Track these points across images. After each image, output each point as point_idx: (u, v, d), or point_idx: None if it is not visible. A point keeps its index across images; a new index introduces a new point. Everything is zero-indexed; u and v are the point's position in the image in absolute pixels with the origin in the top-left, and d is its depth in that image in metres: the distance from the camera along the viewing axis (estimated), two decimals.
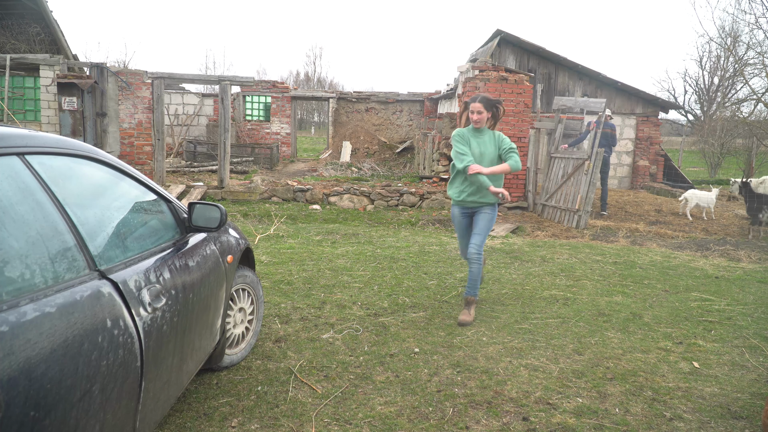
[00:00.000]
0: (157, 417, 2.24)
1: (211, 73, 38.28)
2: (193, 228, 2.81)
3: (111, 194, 2.34)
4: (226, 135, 10.81)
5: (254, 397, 3.14)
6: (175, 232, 2.70)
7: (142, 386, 2.01)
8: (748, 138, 18.16)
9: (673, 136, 31.24)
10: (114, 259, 2.07)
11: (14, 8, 14.43)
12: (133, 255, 2.21)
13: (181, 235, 2.74)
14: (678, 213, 10.98)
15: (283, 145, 18.93)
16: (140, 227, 2.46)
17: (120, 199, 2.38)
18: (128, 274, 2.07)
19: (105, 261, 2.00)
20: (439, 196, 10.45)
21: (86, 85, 10.18)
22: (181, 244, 2.65)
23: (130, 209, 2.43)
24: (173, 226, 2.72)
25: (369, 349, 3.87)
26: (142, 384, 2.01)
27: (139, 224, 2.46)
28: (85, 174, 2.20)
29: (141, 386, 2.00)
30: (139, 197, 2.53)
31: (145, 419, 2.10)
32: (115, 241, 2.15)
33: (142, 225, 2.48)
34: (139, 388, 2.00)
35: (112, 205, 2.31)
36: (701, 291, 5.65)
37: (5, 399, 1.36)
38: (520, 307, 4.93)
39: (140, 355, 1.98)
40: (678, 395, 3.35)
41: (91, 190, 2.23)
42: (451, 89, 15.28)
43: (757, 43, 21.29)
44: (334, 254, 6.62)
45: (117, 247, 2.15)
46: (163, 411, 2.30)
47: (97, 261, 1.95)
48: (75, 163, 2.14)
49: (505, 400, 3.21)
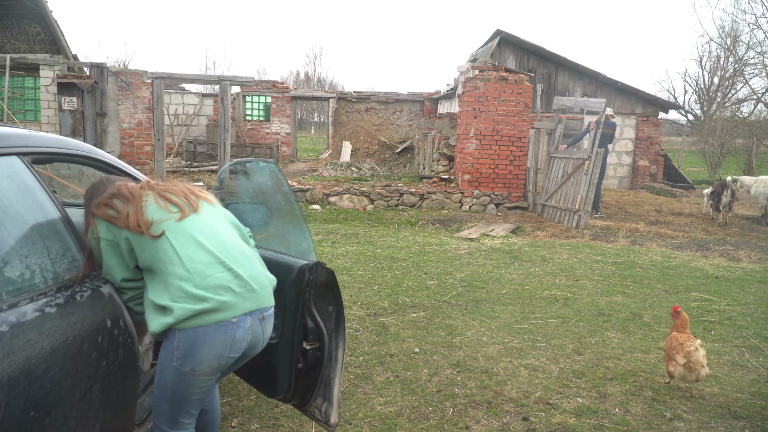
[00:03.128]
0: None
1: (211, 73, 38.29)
2: None
3: None
4: (226, 135, 10.81)
5: (254, 397, 3.14)
6: None
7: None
8: (748, 138, 18.15)
9: (673, 136, 31.23)
10: None
11: (14, 8, 14.42)
12: None
13: None
14: (678, 213, 10.98)
15: (283, 145, 18.92)
16: None
17: None
18: None
19: None
20: (439, 196, 10.46)
21: (86, 85, 10.18)
22: None
23: None
24: None
25: (369, 349, 3.87)
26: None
27: None
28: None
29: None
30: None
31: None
32: None
33: None
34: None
35: None
36: (701, 291, 5.65)
37: (5, 399, 1.36)
38: (520, 307, 4.93)
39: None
40: (678, 395, 3.35)
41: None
42: (451, 89, 15.28)
43: (757, 43, 21.29)
44: (334, 254, 6.62)
45: None
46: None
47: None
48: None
49: (505, 400, 3.21)
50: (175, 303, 1.83)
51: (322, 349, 2.30)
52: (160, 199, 1.95)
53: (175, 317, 1.82)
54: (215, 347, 1.87)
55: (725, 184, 10.11)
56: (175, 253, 1.86)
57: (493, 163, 10.37)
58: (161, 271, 1.87)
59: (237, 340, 1.91)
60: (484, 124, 10.25)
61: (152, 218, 1.89)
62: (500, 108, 10.21)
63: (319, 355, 2.31)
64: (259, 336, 2.00)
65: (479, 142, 10.30)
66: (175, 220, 1.92)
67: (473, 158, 10.37)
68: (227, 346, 1.89)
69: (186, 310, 1.82)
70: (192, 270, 1.86)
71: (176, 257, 1.86)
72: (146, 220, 1.87)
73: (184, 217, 1.93)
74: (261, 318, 1.99)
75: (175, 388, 1.91)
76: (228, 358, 1.92)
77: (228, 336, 1.88)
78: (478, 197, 10.42)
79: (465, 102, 10.38)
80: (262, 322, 2.00)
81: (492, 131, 10.28)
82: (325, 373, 2.34)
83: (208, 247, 1.92)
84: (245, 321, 1.93)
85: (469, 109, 10.25)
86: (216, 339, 1.86)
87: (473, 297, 5.16)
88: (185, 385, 1.91)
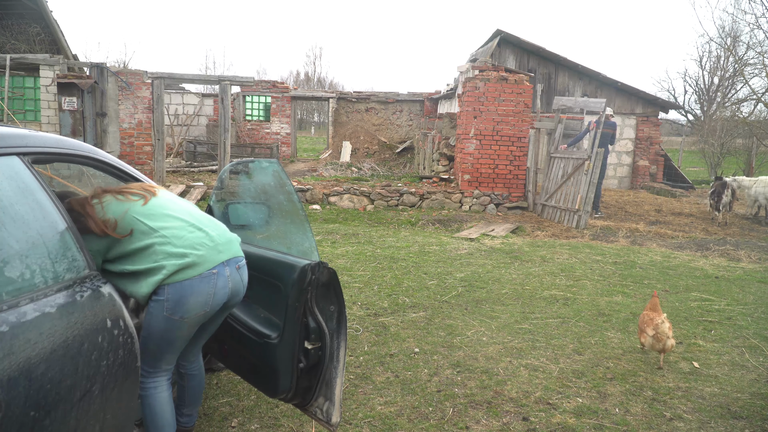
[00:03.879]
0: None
1: (211, 73, 38.29)
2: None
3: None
4: (226, 135, 10.81)
5: (254, 397, 3.14)
6: None
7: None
8: (748, 138, 18.14)
9: (673, 136, 31.22)
10: None
11: (14, 8, 14.42)
12: None
13: None
14: (678, 213, 10.98)
15: (283, 145, 18.92)
16: None
17: None
18: None
19: None
20: (439, 196, 10.46)
21: (86, 85, 10.18)
22: None
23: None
24: None
25: (369, 349, 3.87)
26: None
27: None
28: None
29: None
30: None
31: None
32: None
33: None
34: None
35: None
36: (701, 291, 5.65)
37: (5, 399, 1.36)
38: (520, 307, 4.93)
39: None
40: (678, 395, 3.35)
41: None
42: (451, 89, 15.28)
43: (757, 43, 21.26)
44: (334, 254, 6.62)
45: None
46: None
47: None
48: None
49: (505, 400, 3.21)
50: (160, 263, 2.06)
51: (324, 348, 2.30)
52: (119, 195, 2.15)
53: (163, 273, 2.04)
54: (201, 296, 2.12)
55: (725, 184, 10.12)
56: (149, 228, 2.08)
57: (493, 163, 10.37)
58: (140, 247, 2.06)
59: (219, 287, 2.17)
60: (484, 124, 10.25)
61: (114, 216, 2.07)
62: (500, 108, 10.21)
63: (321, 354, 2.31)
64: (238, 283, 2.28)
65: (479, 142, 10.30)
66: (141, 204, 2.14)
67: (473, 158, 10.37)
68: (211, 294, 2.15)
69: (172, 265, 2.06)
70: (169, 235, 2.10)
71: (151, 230, 2.08)
72: (108, 219, 2.06)
73: (147, 201, 2.16)
74: (237, 267, 2.26)
75: (163, 334, 2.15)
76: (213, 305, 2.18)
77: (211, 285, 2.14)
78: (478, 197, 10.42)
79: (465, 102, 10.38)
80: (239, 271, 2.28)
81: (492, 131, 10.28)
82: (326, 372, 2.34)
83: (178, 215, 2.18)
84: (224, 270, 2.19)
85: (469, 109, 10.25)
86: (201, 288, 2.12)
87: (473, 297, 5.16)
88: (174, 331, 2.16)
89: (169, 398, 2.29)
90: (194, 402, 2.54)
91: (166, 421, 2.27)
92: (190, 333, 2.23)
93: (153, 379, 2.24)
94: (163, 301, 2.08)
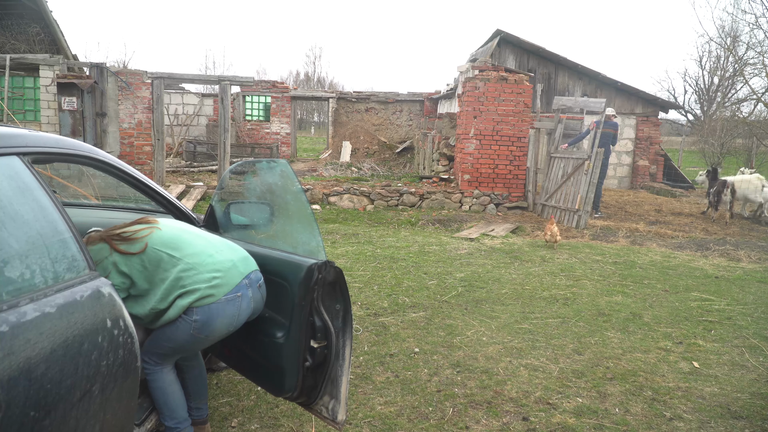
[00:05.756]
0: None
1: (211, 73, 38.28)
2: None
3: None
4: (226, 135, 10.81)
5: (254, 397, 3.14)
6: None
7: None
8: (748, 138, 18.14)
9: (673, 135, 31.21)
10: None
11: (14, 8, 14.41)
12: None
13: None
14: (678, 213, 10.98)
15: (282, 145, 18.91)
16: None
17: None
18: None
19: None
20: (439, 196, 10.46)
21: (86, 85, 10.17)
22: None
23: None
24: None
25: (369, 349, 3.87)
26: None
27: None
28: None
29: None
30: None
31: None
32: None
33: None
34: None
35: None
36: (701, 291, 5.65)
37: (5, 399, 1.36)
38: (520, 307, 4.93)
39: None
40: (678, 395, 3.35)
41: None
42: (451, 89, 15.28)
43: (757, 43, 21.22)
44: (334, 254, 6.62)
45: None
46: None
47: None
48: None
49: (505, 400, 3.21)
50: (189, 288, 2.16)
51: (330, 347, 2.31)
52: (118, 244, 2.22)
53: (195, 297, 2.15)
54: (227, 318, 2.24)
55: (725, 183, 10.13)
56: (170, 257, 2.19)
57: (493, 163, 10.37)
58: (162, 278, 2.17)
59: (243, 309, 2.28)
60: (484, 124, 10.25)
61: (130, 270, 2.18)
62: (500, 108, 10.21)
63: (327, 353, 2.32)
64: (259, 301, 2.38)
65: (479, 142, 10.30)
66: (150, 235, 2.23)
67: (473, 158, 10.37)
68: (236, 316, 2.26)
69: (204, 289, 2.17)
70: (192, 262, 2.20)
71: (172, 259, 2.18)
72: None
73: (152, 233, 2.24)
74: (258, 286, 2.36)
75: (183, 344, 2.27)
76: (237, 325, 2.30)
77: (236, 307, 2.25)
78: (478, 197, 10.42)
79: (465, 102, 10.38)
80: (260, 290, 2.37)
81: (492, 131, 10.28)
82: (332, 371, 2.35)
83: (192, 242, 2.27)
84: (248, 292, 2.29)
85: (469, 109, 10.25)
86: (227, 312, 2.22)
87: (473, 297, 5.16)
88: (195, 345, 2.30)
89: (175, 379, 2.39)
90: (199, 394, 2.59)
91: (177, 399, 2.38)
92: (209, 345, 2.36)
93: (158, 367, 2.35)
94: (191, 321, 2.19)
